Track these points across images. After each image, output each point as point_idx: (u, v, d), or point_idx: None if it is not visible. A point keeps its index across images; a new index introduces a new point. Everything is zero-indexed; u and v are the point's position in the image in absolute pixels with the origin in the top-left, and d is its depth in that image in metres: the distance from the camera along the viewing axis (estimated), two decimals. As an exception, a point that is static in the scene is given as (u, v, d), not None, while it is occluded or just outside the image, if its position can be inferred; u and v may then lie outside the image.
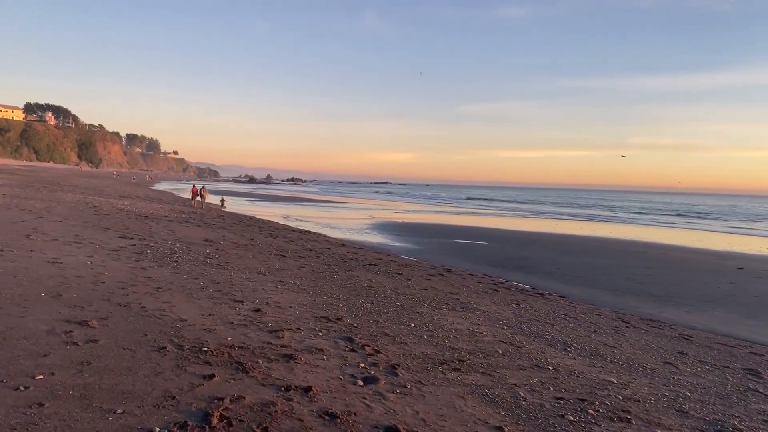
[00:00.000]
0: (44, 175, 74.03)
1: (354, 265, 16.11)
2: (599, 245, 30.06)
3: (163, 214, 27.84)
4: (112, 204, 30.95)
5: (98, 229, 17.63)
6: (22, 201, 24.82)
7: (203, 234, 20.36)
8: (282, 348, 6.66)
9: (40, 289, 8.25)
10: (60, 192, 37.18)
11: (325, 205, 63.48)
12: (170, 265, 12.22)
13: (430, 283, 14.37)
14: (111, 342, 6.12)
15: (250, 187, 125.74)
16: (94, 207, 26.72)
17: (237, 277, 11.63)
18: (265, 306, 9.01)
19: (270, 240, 21.21)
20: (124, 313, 7.47)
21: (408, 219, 44.58)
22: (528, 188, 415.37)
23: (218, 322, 7.60)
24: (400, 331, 8.41)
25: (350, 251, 20.36)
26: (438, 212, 59.28)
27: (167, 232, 19.50)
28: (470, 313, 10.65)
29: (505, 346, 8.20)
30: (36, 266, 10.13)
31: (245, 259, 14.88)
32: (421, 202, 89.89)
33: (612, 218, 59.99)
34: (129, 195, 45.77)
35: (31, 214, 19.72)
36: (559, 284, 17.42)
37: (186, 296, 9.08)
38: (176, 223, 23.47)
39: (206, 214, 32.04)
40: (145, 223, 21.91)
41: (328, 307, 9.59)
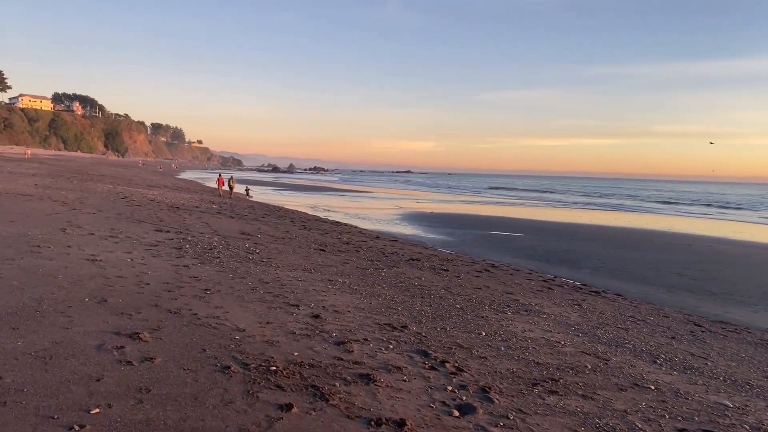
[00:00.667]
0: (72, 164, 74.27)
1: (396, 260, 15.31)
2: (640, 237, 28.90)
3: (194, 205, 27.28)
4: (142, 194, 30.47)
5: (132, 222, 17.01)
6: (54, 192, 24.38)
7: (238, 226, 19.69)
8: (355, 365, 5.86)
9: (83, 293, 7.54)
10: (90, 182, 36.87)
11: (349, 194, 62.77)
12: (213, 262, 11.50)
13: (480, 280, 13.52)
14: (168, 360, 5.36)
15: (273, 177, 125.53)
16: (125, 197, 26.22)
17: (284, 276, 10.87)
18: (323, 311, 8.22)
19: (305, 233, 20.48)
20: (176, 321, 6.73)
21: (436, 209, 43.67)
22: (551, 177, 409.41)
23: (278, 331, 6.82)
24: (473, 341, 7.57)
25: (387, 244, 19.57)
26: (464, 202, 58.23)
27: (202, 224, 18.84)
28: (536, 317, 9.79)
29: (590, 359, 7.33)
30: (75, 265, 9.45)
31: (287, 255, 14.14)
32: (446, 191, 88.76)
33: (642, 208, 58.41)
34: (157, 184, 45.43)
35: (64, 205, 19.19)
36: (610, 280, 16.48)
37: (237, 299, 8.32)
38: (209, 215, 22.84)
39: (236, 205, 31.45)
40: (178, 214, 21.29)
41: (387, 311, 8.79)
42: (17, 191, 22.24)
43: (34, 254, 9.97)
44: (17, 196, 20.17)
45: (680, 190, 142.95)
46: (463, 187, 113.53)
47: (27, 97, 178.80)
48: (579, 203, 64.65)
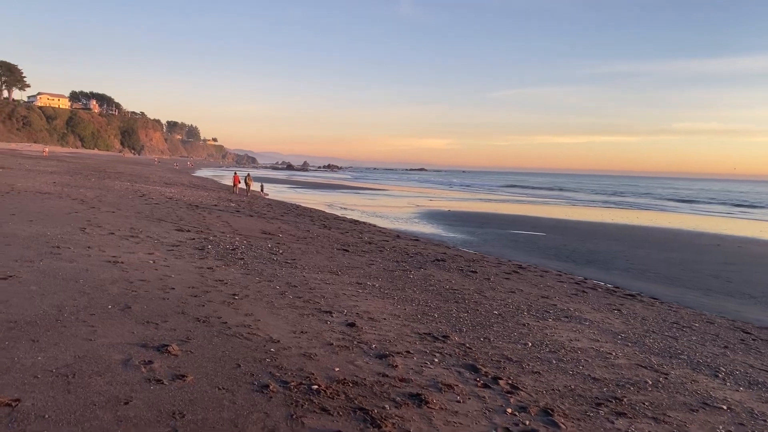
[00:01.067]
0: (89, 162, 74.45)
1: (422, 261, 14.78)
2: (665, 237, 28.14)
3: (213, 203, 26.90)
4: (160, 192, 30.16)
5: (152, 221, 16.60)
6: (72, 190, 24.08)
7: (259, 225, 19.24)
8: (403, 384, 5.32)
9: (106, 300, 7.07)
10: (107, 179, 36.66)
11: (365, 192, 62.30)
12: (237, 264, 11.03)
13: (512, 283, 12.95)
14: (201, 378, 4.86)
15: (288, 174, 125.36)
16: (143, 195, 25.89)
17: (312, 279, 10.36)
18: (357, 318, 7.70)
19: (326, 232, 20.00)
20: (206, 331, 6.23)
21: (453, 207, 43.08)
22: (566, 174, 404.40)
23: (315, 342, 6.30)
24: (521, 353, 7.01)
25: (409, 244, 19.04)
26: (481, 200, 57.53)
27: (222, 223, 18.41)
28: (579, 324, 9.21)
29: (648, 373, 6.74)
30: (96, 267, 9.01)
31: (310, 255, 13.65)
32: (461, 189, 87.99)
33: (661, 207, 57.33)
34: (174, 182, 45.20)
35: (83, 204, 18.84)
36: (642, 282, 15.85)
37: (267, 306, 7.82)
38: (228, 213, 22.43)
39: (254, 203, 31.05)
40: (197, 213, 20.89)
41: (424, 319, 8.25)
42: (36, 189, 21.96)
43: (54, 256, 9.54)
44: (36, 195, 19.86)
45: (697, 188, 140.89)
46: (478, 185, 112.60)
47: (45, 96, 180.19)
48: (597, 201, 63.65)
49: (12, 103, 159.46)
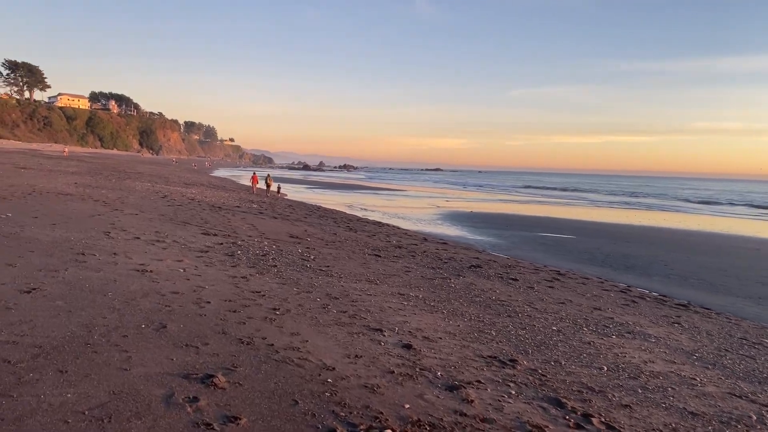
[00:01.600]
0: (109, 162, 74.41)
1: (458, 268, 14.00)
2: (697, 240, 27.07)
3: (235, 204, 26.28)
4: (181, 193, 29.61)
5: (177, 224, 15.96)
6: (94, 191, 23.56)
7: (284, 228, 18.56)
8: (486, 426, 4.54)
9: (139, 317, 6.36)
10: (128, 180, 36.23)
11: (383, 192, 61.55)
12: (271, 272, 10.31)
13: (556, 292, 12.13)
14: (257, 420, 4.11)
15: (305, 174, 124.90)
16: (164, 197, 25.32)
17: (351, 289, 9.61)
18: (411, 337, 6.93)
19: (352, 235, 19.27)
20: (252, 356, 5.49)
21: (474, 208, 42.21)
22: (583, 175, 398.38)
23: (374, 370, 5.54)
24: (600, 380, 6.20)
25: (439, 248, 18.28)
26: (501, 200, 56.53)
27: (248, 226, 17.74)
28: (645, 342, 8.37)
29: (747, 405, 5.91)
30: (125, 277, 8.32)
31: (343, 261, 12.92)
32: (479, 189, 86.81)
33: (685, 209, 55.86)
34: (194, 183, 44.75)
35: (106, 206, 18.26)
36: (687, 290, 14.95)
37: (312, 323, 7.07)
38: (252, 215, 21.78)
39: (275, 204, 30.42)
40: (221, 215, 20.25)
41: (481, 337, 7.46)
42: (58, 190, 21.44)
43: (79, 264, 8.87)
44: (58, 196, 19.32)
45: (716, 188, 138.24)
46: (496, 185, 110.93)
47: (65, 96, 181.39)
48: (618, 203, 62.25)
49: (33, 104, 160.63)
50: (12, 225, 11.94)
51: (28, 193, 18.60)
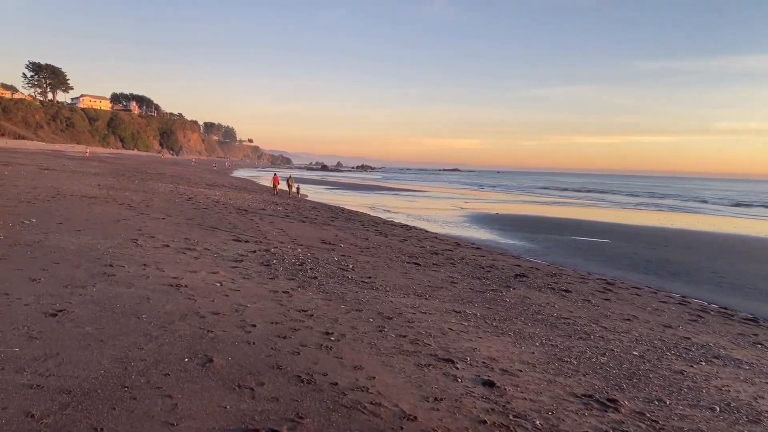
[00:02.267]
0: (130, 162, 74.26)
1: (503, 277, 13.04)
2: (742, 245, 25.76)
3: (260, 207, 25.49)
4: (205, 195, 28.91)
5: (206, 229, 15.15)
6: (118, 193, 22.88)
7: (314, 233, 17.68)
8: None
9: (179, 347, 5.47)
10: (150, 181, 35.64)
11: (403, 193, 60.61)
12: (312, 285, 9.41)
13: (615, 305, 11.12)
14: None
15: (323, 175, 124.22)
16: (189, 199, 24.59)
17: (402, 306, 8.68)
18: (487, 370, 5.98)
19: (383, 239, 18.36)
20: (317, 401, 4.57)
21: (498, 210, 41.12)
22: (603, 175, 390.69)
23: (461, 419, 4.59)
24: (716, 424, 5.22)
25: (475, 253, 17.35)
26: (524, 202, 55.29)
27: (278, 231, 16.89)
28: (738, 369, 7.37)
29: None
30: (158, 294, 7.46)
31: (383, 270, 12.02)
32: (500, 190, 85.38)
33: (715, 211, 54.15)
34: (216, 184, 44.13)
35: (131, 209, 17.51)
36: (744, 300, 13.92)
37: (372, 350, 6.15)
38: (279, 219, 20.95)
39: (300, 206, 29.60)
40: (248, 218, 19.44)
41: (564, 368, 6.48)
42: (81, 192, 20.78)
43: (108, 278, 8.04)
44: (82, 199, 18.62)
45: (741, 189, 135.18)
46: (515, 186, 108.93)
47: (87, 98, 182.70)
48: (645, 204, 60.54)
49: (56, 105, 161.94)
50: (36, 232, 11.17)
51: (52, 196, 17.92)
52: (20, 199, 16.05)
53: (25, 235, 10.58)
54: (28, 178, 24.92)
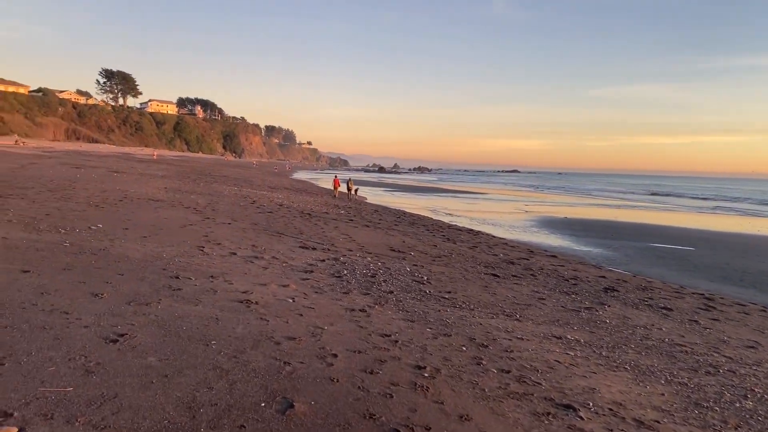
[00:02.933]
0: (195, 165, 75.74)
1: (591, 291, 11.78)
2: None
3: (323, 210, 24.86)
4: (268, 198, 28.57)
5: (272, 235, 14.51)
6: (184, 196, 22.72)
7: (381, 239, 16.80)
8: None
9: (254, 387, 4.61)
10: (215, 184, 35.74)
11: (464, 196, 59.18)
12: (389, 302, 8.49)
13: (726, 326, 9.73)
14: None
15: (380, 177, 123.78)
16: (253, 202, 24.21)
17: (492, 329, 7.64)
18: (619, 421, 4.87)
19: (453, 246, 17.30)
20: (425, 469, 3.61)
21: (566, 213, 39.28)
22: (669, 177, 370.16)
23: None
24: None
25: (553, 263, 16.08)
26: (592, 205, 52.85)
27: (344, 237, 16.11)
28: None
29: None
30: (228, 314, 6.68)
31: (460, 283, 10.98)
32: (564, 192, 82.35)
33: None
34: (277, 186, 44.07)
35: (197, 213, 17.12)
36: None
37: (475, 392, 5.14)
38: (344, 224, 20.21)
39: (362, 209, 28.86)
40: (313, 223, 18.77)
41: (707, 417, 5.30)
42: (148, 195, 20.65)
43: (174, 293, 7.34)
44: (148, 202, 18.41)
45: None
46: (580, 188, 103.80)
47: (155, 102, 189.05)
48: (723, 208, 56.95)
49: (126, 110, 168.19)
50: (102, 238, 10.73)
51: (120, 200, 17.75)
52: (89, 203, 15.88)
53: (90, 242, 10.12)
54: (98, 181, 25.16)
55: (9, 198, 14.97)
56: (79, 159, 47.62)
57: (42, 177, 23.61)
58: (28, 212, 12.84)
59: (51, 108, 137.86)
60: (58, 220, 12.12)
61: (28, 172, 26.29)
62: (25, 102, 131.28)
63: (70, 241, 10.00)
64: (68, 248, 9.36)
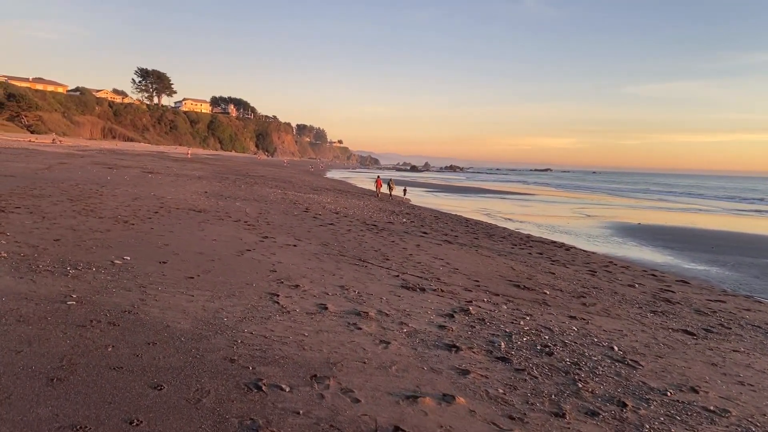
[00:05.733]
0: (229, 163, 72.76)
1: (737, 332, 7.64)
2: None
3: (386, 220, 20.99)
4: (318, 203, 24.82)
5: (354, 263, 10.67)
6: (228, 203, 19.05)
7: (484, 264, 12.86)
8: None
9: None
10: (256, 186, 32.17)
11: (513, 197, 54.89)
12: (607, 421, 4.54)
13: None
14: None
15: (413, 176, 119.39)
16: (306, 210, 20.45)
17: None
18: None
19: (571, 273, 13.36)
20: None
21: (633, 218, 34.94)
22: (712, 176, 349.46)
23: None
24: None
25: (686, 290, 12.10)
26: (657, 208, 48.01)
27: (440, 263, 12.18)
28: None
29: None
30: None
31: (672, 358, 6.98)
32: (615, 193, 76.35)
33: None
34: (320, 187, 40.44)
35: (251, 229, 13.38)
36: None
37: None
38: (420, 237, 16.33)
39: (422, 216, 24.96)
40: (388, 240, 14.88)
41: None
42: (188, 204, 17.01)
43: (258, 413, 3.50)
44: (189, 213, 14.74)
45: None
46: (628, 189, 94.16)
47: (189, 101, 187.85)
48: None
49: (161, 109, 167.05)
50: (129, 284, 6.98)
51: (154, 212, 14.10)
52: (116, 217, 12.24)
53: (110, 295, 6.38)
54: (130, 184, 21.69)
55: (14, 212, 11.42)
56: (112, 158, 44.66)
57: (67, 180, 20.19)
58: (31, 236, 9.21)
59: (88, 107, 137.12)
60: (68, 251, 8.45)
61: (54, 173, 22.94)
62: (63, 101, 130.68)
63: (78, 293, 6.27)
64: (73, 313, 5.62)
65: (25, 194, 14.53)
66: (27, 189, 15.78)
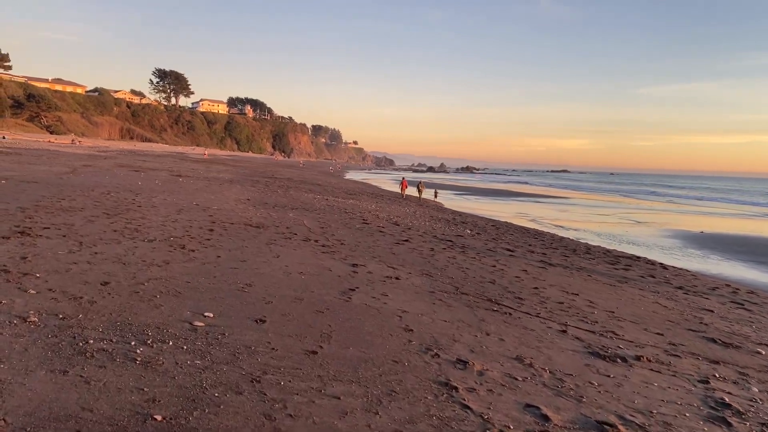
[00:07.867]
0: (250, 165, 70.33)
1: None
2: None
3: (455, 232, 18.25)
4: (367, 211, 22.10)
5: (484, 306, 7.93)
6: (280, 214, 16.36)
7: (606, 293, 10.07)
8: None
9: None
10: (291, 190, 29.52)
11: (545, 200, 52.00)
12: None
13: None
14: None
15: (432, 176, 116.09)
16: (365, 221, 17.73)
17: None
18: None
19: (671, 303, 10.51)
20: None
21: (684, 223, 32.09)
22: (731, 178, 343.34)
23: None
24: None
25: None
26: (707, 214, 44.93)
27: (560, 292, 9.41)
28: None
29: None
30: None
31: None
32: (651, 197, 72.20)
33: None
34: (354, 191, 37.80)
35: (327, 251, 10.65)
36: None
37: None
38: (509, 257, 13.57)
39: (482, 226, 22.17)
40: (481, 261, 12.10)
41: None
42: (240, 217, 14.34)
43: None
44: (249, 231, 12.05)
45: None
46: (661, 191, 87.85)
47: (206, 102, 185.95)
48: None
49: (179, 109, 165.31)
50: (234, 375, 4.25)
51: (209, 230, 11.41)
52: (169, 240, 9.53)
53: (215, 408, 3.66)
54: (164, 191, 19.07)
55: (43, 235, 8.77)
56: (135, 160, 42.24)
57: (96, 186, 17.61)
58: (70, 278, 6.53)
59: (107, 107, 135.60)
60: (124, 303, 5.76)
61: (80, 178, 20.38)
62: (82, 101, 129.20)
63: (161, 405, 3.56)
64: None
65: (53, 207, 11.92)
66: (54, 199, 13.18)
